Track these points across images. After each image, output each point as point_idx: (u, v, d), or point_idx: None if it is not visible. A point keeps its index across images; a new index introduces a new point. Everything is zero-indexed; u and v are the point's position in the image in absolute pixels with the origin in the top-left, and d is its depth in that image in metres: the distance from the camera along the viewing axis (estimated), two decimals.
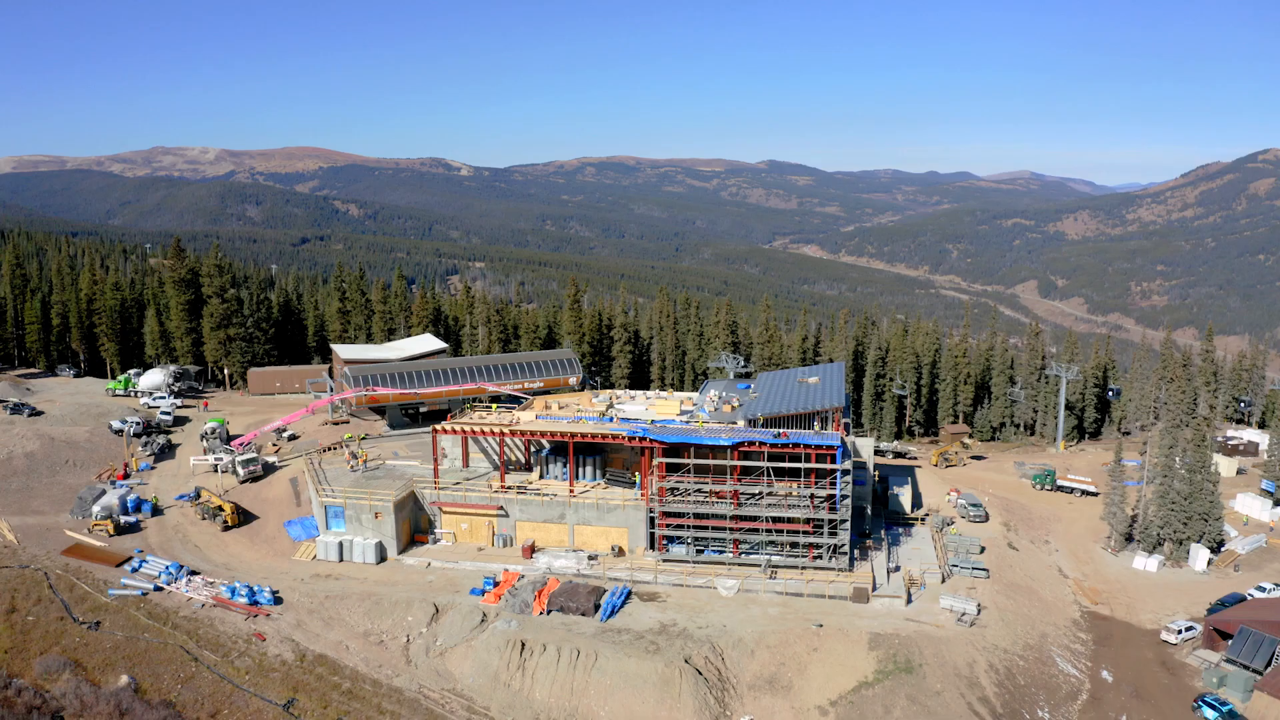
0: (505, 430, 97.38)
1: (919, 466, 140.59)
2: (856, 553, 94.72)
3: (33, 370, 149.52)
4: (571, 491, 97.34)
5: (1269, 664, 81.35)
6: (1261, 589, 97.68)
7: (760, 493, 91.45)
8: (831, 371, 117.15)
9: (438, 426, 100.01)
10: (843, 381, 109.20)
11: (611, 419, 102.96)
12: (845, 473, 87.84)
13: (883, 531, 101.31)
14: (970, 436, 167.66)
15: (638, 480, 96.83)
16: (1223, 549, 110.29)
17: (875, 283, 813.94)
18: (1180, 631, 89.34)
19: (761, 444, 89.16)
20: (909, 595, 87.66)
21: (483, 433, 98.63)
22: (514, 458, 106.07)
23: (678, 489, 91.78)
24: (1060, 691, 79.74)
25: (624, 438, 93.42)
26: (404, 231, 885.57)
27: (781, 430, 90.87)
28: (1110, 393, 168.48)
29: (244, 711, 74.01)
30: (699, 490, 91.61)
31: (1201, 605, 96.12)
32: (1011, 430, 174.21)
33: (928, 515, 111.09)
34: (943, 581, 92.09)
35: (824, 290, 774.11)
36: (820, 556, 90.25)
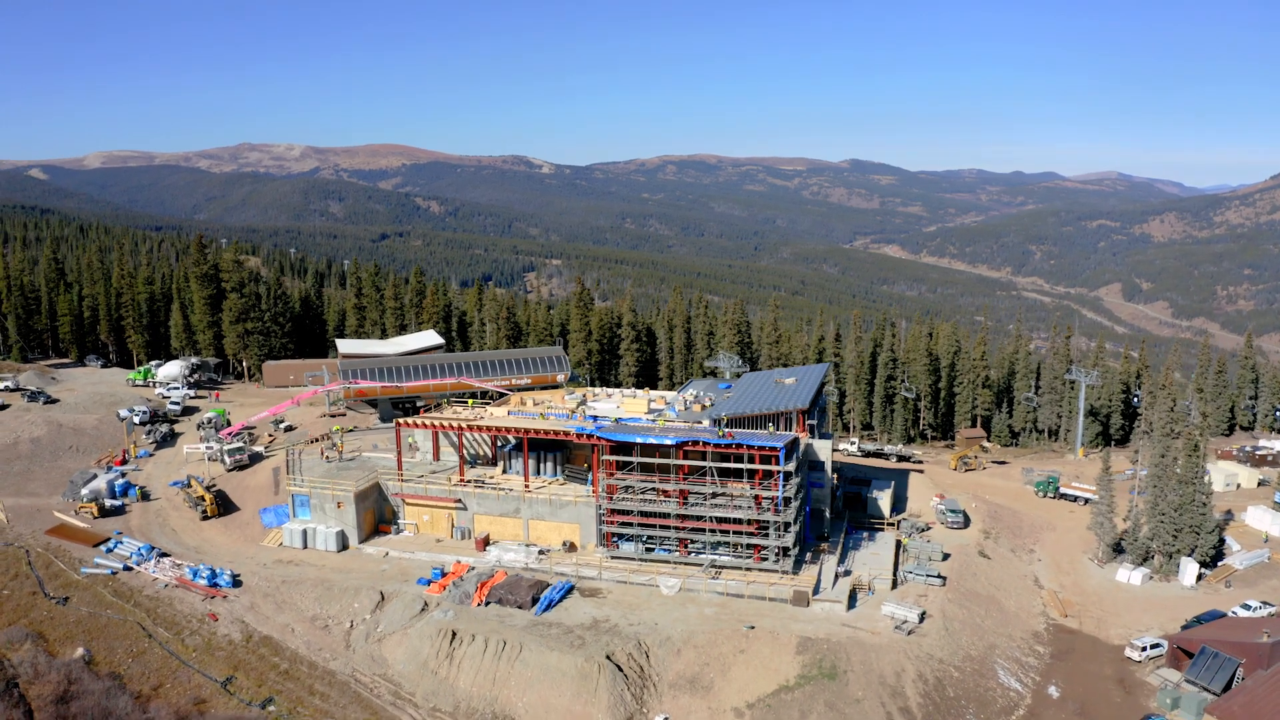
0: (464, 425, 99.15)
1: (921, 470, 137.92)
2: (808, 555, 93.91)
3: (64, 360, 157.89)
4: (526, 487, 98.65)
5: (1227, 686, 77.93)
6: (1246, 607, 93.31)
7: (714, 493, 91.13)
8: (810, 373, 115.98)
9: (401, 420, 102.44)
10: (816, 383, 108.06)
11: (575, 416, 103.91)
12: (788, 474, 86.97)
13: (843, 535, 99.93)
14: (988, 441, 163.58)
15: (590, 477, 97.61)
16: (1220, 563, 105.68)
17: (956, 284, 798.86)
18: (1145, 649, 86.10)
19: (705, 443, 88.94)
20: (851, 600, 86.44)
21: (444, 427, 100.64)
22: (481, 452, 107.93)
23: (625, 486, 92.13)
24: (994, 705, 77.69)
25: (573, 434, 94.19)
26: (483, 229, 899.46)
27: (726, 430, 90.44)
28: (1136, 398, 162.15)
29: (185, 686, 77.35)
30: (644, 489, 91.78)
31: (1179, 622, 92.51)
32: (1035, 436, 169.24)
33: (902, 520, 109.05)
34: (893, 588, 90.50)
35: (903, 291, 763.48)
36: (766, 558, 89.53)
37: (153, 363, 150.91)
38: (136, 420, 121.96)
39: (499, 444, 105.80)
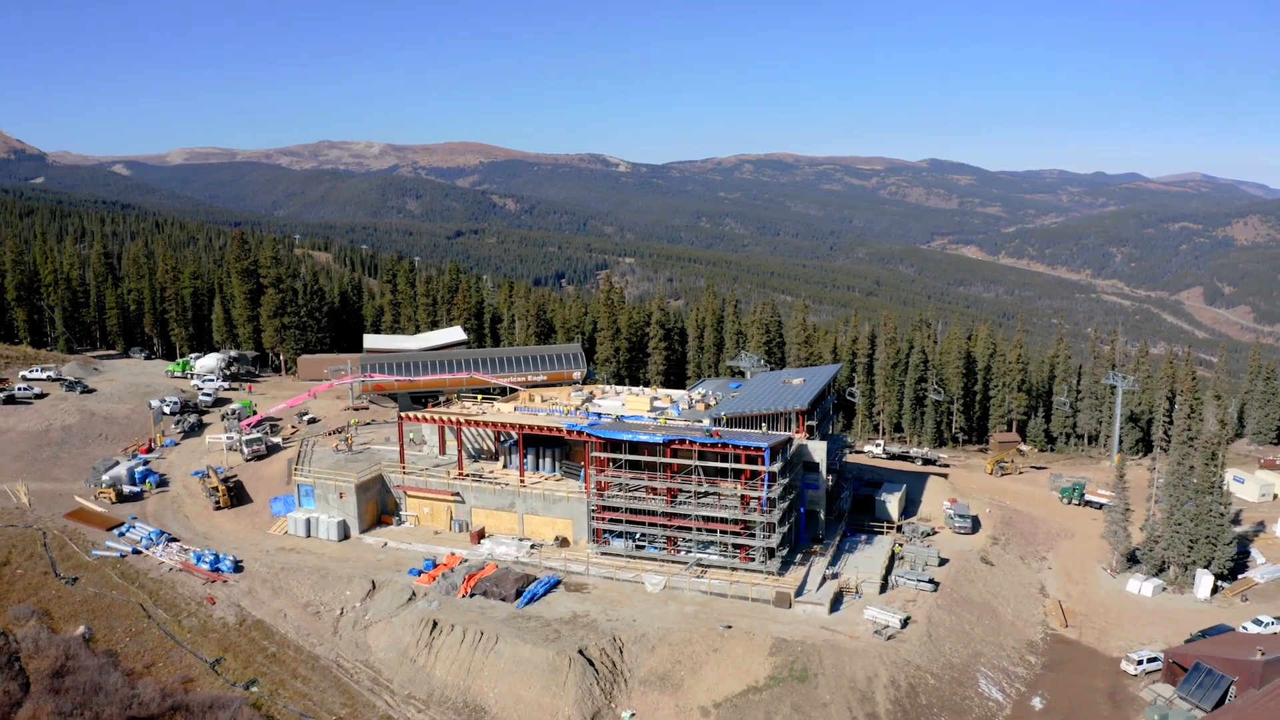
0: (463, 420, 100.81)
1: (945, 475, 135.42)
2: (799, 557, 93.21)
3: (111, 352, 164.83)
4: (522, 482, 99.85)
5: (1219, 704, 75.08)
6: (1258, 622, 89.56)
7: (701, 491, 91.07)
8: (818, 374, 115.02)
9: (403, 414, 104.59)
10: (821, 385, 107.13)
11: (575, 413, 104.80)
12: (773, 475, 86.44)
13: (839, 537, 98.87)
14: (1024, 445, 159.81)
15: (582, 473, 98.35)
16: (1240, 576, 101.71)
17: (1034, 286, 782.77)
18: (1141, 662, 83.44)
19: (691, 442, 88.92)
20: (835, 603, 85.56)
21: (443, 421, 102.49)
22: (486, 447, 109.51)
23: (617, 484, 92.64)
24: (970, 715, 76.12)
25: (565, 430, 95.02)
26: (559, 226, 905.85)
27: (714, 430, 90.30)
28: (1177, 405, 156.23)
29: (176, 665, 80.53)
30: (634, 486, 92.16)
31: (1186, 635, 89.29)
32: (1074, 441, 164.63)
33: (907, 524, 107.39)
34: (881, 592, 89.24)
35: (980, 293, 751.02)
36: (752, 558, 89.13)
37: (191, 355, 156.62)
38: (166, 410, 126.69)
39: (501, 439, 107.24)
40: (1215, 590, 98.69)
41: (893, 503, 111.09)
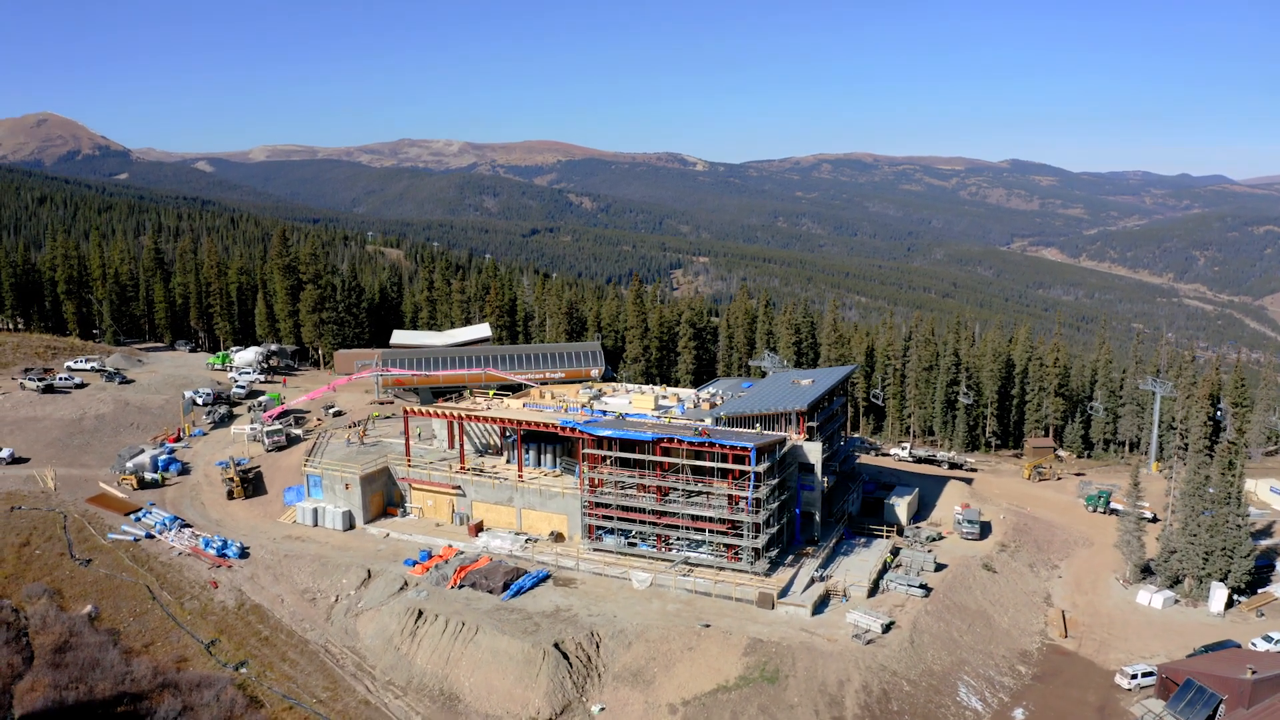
0: (463, 415, 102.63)
1: (970, 479, 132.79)
2: (790, 558, 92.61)
3: (158, 344, 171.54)
4: (520, 477, 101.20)
5: None
6: (1269, 639, 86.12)
7: (691, 490, 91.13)
8: (828, 375, 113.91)
9: (408, 408, 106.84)
10: (828, 386, 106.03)
11: (577, 409, 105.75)
12: (759, 475, 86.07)
13: (836, 539, 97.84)
14: (1061, 450, 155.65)
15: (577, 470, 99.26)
16: (1260, 590, 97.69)
17: (1115, 289, 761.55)
18: (1135, 676, 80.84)
19: (680, 441, 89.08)
20: (820, 606, 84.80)
21: (444, 416, 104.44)
22: (493, 442, 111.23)
23: (607, 480, 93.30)
24: None
25: (558, 427, 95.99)
26: (634, 225, 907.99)
27: (702, 429, 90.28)
28: (1219, 412, 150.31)
29: (174, 645, 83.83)
30: (625, 483, 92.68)
31: (1190, 650, 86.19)
32: (1114, 448, 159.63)
33: (910, 528, 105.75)
34: (870, 596, 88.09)
35: (1059, 296, 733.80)
36: (740, 558, 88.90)
37: (232, 348, 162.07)
38: (199, 402, 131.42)
39: (506, 435, 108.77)
40: (1231, 604, 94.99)
41: (902, 506, 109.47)
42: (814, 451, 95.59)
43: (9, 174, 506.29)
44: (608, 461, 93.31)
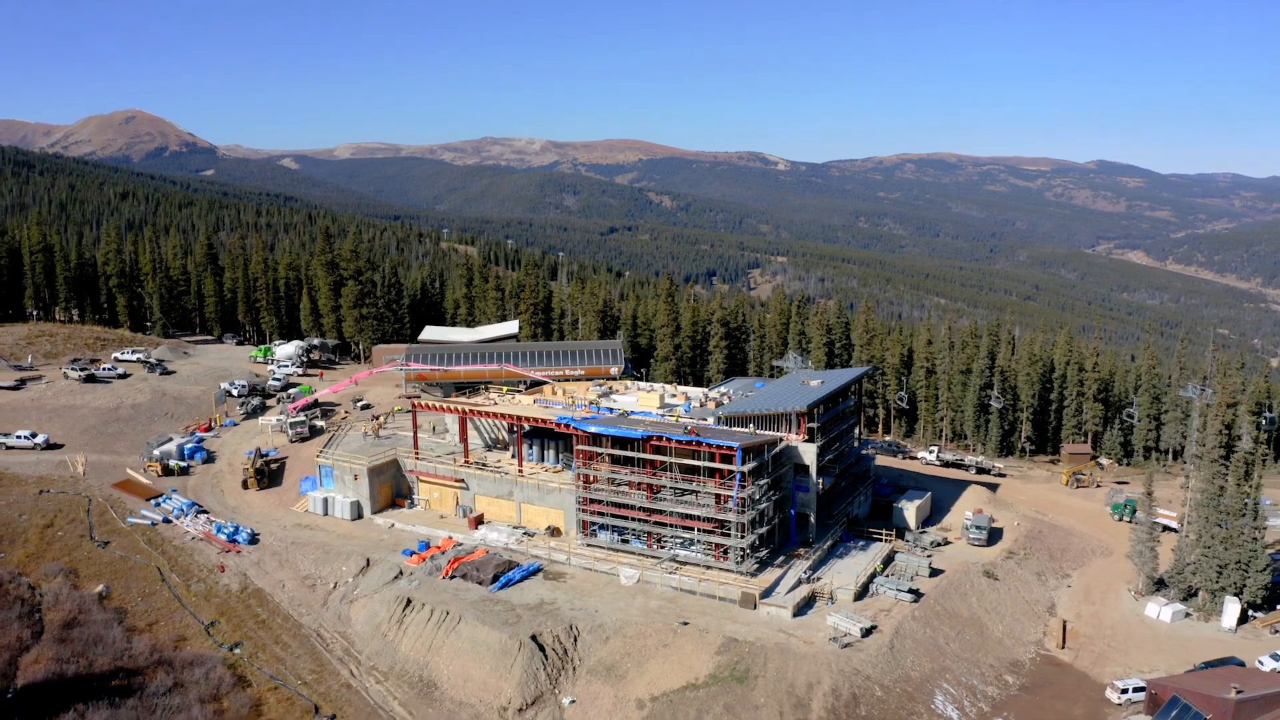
0: (468, 410, 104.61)
1: (996, 485, 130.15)
2: (780, 558, 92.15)
3: (207, 337, 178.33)
4: (520, 471, 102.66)
5: None
6: (1276, 657, 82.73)
7: (681, 489, 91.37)
8: (838, 376, 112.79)
9: (416, 403, 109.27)
10: (835, 387, 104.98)
11: (580, 406, 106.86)
12: (745, 475, 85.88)
13: (829, 541, 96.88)
14: (1101, 456, 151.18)
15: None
16: (1278, 606, 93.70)
17: (1200, 294, 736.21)
18: (1126, 691, 78.46)
19: (669, 439, 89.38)
20: (802, 607, 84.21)
21: (450, 410, 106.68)
22: (501, 437, 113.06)
23: (601, 477, 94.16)
24: None
25: (555, 423, 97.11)
26: (714, 224, 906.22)
27: (690, 427, 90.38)
28: (1264, 419, 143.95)
29: (176, 625, 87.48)
30: (617, 480, 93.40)
31: (1192, 665, 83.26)
32: (1156, 456, 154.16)
33: (912, 533, 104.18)
34: (856, 599, 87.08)
35: (1144, 299, 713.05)
36: (727, 557, 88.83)
37: (275, 341, 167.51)
38: (234, 393, 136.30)
39: (512, 430, 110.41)
40: (1245, 620, 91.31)
41: (910, 510, 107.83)
42: (809, 453, 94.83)
43: (95, 169, 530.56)
44: (602, 458, 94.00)
